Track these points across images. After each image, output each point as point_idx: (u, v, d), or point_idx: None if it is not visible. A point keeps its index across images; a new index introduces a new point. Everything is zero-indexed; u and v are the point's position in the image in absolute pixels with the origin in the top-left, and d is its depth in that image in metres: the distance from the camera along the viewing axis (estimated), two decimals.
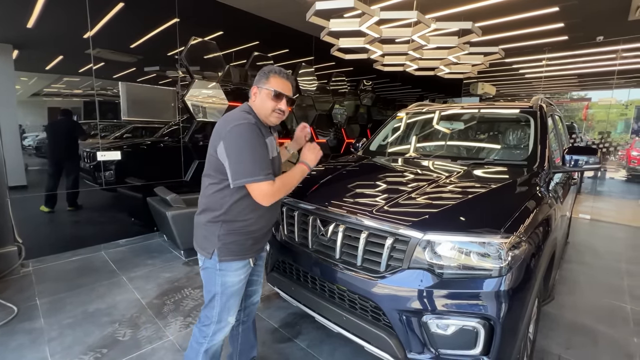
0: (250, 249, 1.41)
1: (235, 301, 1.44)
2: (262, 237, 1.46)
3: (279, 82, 1.35)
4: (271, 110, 1.35)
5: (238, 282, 1.41)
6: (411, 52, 3.89)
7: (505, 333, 1.29)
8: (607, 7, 4.20)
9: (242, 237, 1.37)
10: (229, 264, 1.36)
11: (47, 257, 3.18)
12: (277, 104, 1.35)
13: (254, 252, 1.44)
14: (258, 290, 1.70)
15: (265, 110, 1.36)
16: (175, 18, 3.85)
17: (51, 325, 2.19)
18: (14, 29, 2.90)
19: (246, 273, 1.44)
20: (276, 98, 1.34)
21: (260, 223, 1.41)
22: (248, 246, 1.40)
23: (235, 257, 1.37)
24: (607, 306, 2.60)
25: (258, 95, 1.37)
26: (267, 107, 1.35)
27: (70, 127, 3.37)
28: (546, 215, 1.66)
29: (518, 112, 2.64)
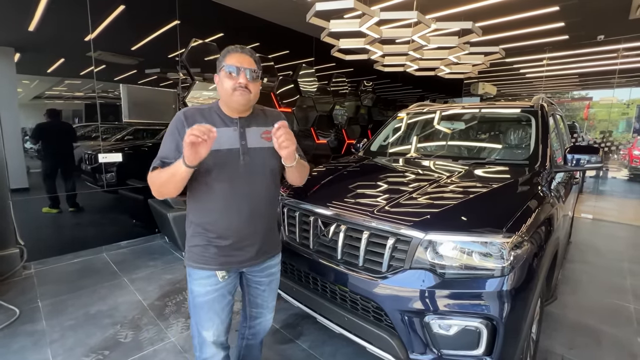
0: (213, 259, 1.24)
1: (207, 315, 1.27)
2: (228, 248, 1.24)
3: (233, 57, 1.19)
4: (232, 90, 1.18)
5: (205, 294, 1.25)
6: (411, 52, 3.89)
7: (508, 333, 1.28)
8: (607, 6, 4.19)
9: (203, 242, 1.24)
10: (193, 271, 1.26)
11: (48, 259, 3.19)
12: (236, 81, 1.17)
13: (219, 265, 1.24)
14: (264, 314, 1.50)
15: (226, 94, 1.20)
16: (176, 20, 3.86)
17: (53, 327, 2.20)
18: (16, 32, 2.92)
19: (214, 286, 1.25)
20: (232, 75, 1.18)
21: (219, 228, 1.22)
22: (210, 255, 1.24)
23: (196, 265, 1.25)
24: (610, 306, 2.59)
25: (218, 81, 1.23)
26: (226, 88, 1.19)
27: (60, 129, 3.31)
28: (548, 214, 1.66)
29: (519, 112, 2.64)
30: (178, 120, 1.22)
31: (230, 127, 1.24)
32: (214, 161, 1.18)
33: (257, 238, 1.30)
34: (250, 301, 1.48)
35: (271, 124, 1.26)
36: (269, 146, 1.28)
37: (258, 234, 1.30)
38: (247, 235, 1.27)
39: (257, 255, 1.32)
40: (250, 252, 1.30)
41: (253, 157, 1.25)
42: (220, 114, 1.26)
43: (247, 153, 1.24)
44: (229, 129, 1.24)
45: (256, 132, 1.29)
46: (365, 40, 3.53)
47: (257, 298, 1.46)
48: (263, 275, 1.41)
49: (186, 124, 1.17)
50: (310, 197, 1.88)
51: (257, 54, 1.25)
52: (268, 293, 1.46)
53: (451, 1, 4.00)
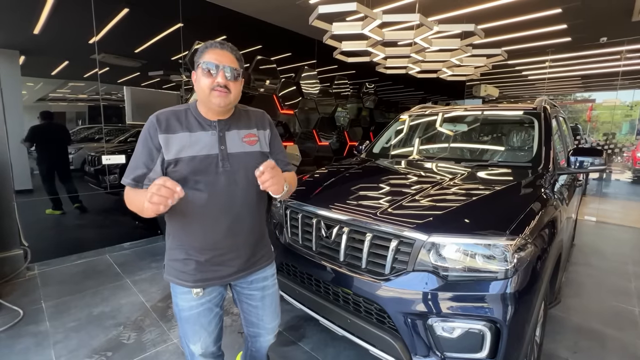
0: (191, 275, 1.15)
1: (193, 328, 1.20)
2: (207, 264, 1.15)
3: (212, 53, 1.06)
4: (209, 90, 1.06)
5: (189, 309, 1.18)
6: (413, 54, 3.89)
7: (512, 336, 1.28)
8: (610, 8, 4.19)
9: (181, 256, 1.15)
10: (173, 286, 1.19)
11: (52, 260, 3.20)
12: (214, 79, 1.05)
13: (196, 281, 1.15)
14: (261, 335, 1.39)
15: (203, 93, 1.08)
16: (180, 23, 3.89)
17: (56, 328, 2.20)
18: (21, 36, 2.95)
19: (198, 301, 1.17)
20: (210, 72, 1.05)
21: (196, 243, 1.14)
22: (189, 271, 1.15)
23: (175, 280, 1.17)
24: (614, 309, 2.57)
25: (195, 79, 1.10)
26: (203, 87, 1.06)
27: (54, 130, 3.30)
28: (552, 217, 1.65)
29: (522, 114, 2.63)
30: (150, 126, 1.08)
31: (208, 131, 1.12)
32: (189, 169, 1.08)
33: (240, 251, 1.20)
34: (245, 319, 1.38)
35: (255, 125, 1.22)
36: (252, 150, 1.19)
37: (241, 247, 1.20)
38: (228, 249, 1.17)
39: (242, 269, 1.23)
40: (233, 267, 1.20)
41: (233, 163, 1.14)
42: (198, 116, 1.13)
43: (226, 159, 1.12)
44: (207, 132, 1.12)
45: (237, 135, 1.17)
46: (367, 43, 3.54)
47: (250, 316, 1.35)
48: (253, 289, 1.30)
49: (159, 129, 1.07)
50: (313, 199, 1.88)
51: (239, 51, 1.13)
52: (262, 310, 1.33)
53: (454, 3, 4.01)
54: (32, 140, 3.10)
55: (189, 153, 1.08)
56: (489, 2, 3.94)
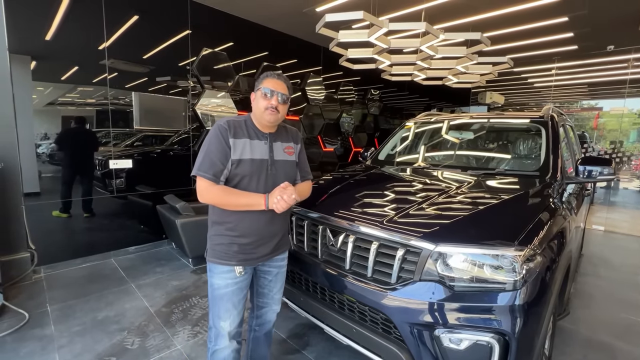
0: (234, 256, 1.41)
1: (225, 306, 1.43)
2: (249, 246, 1.41)
3: (269, 81, 1.40)
4: (264, 109, 1.37)
5: (225, 287, 1.42)
6: (419, 62, 3.91)
7: (521, 349, 1.26)
8: (616, 17, 4.18)
9: (226, 241, 1.40)
10: (214, 266, 1.43)
11: (58, 263, 3.22)
12: (269, 102, 1.37)
13: (239, 261, 1.41)
14: (270, 304, 1.64)
15: (259, 110, 1.39)
16: (187, 30, 3.95)
17: (61, 332, 2.21)
18: (33, 42, 3.01)
19: (234, 280, 1.42)
20: (266, 96, 1.38)
21: (242, 229, 1.39)
22: (232, 252, 1.40)
23: (218, 260, 1.41)
24: (624, 321, 2.52)
25: (254, 99, 1.43)
26: (260, 106, 1.39)
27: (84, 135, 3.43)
28: (561, 227, 1.63)
29: (529, 122, 2.62)
30: (222, 129, 1.36)
31: (262, 141, 1.43)
32: (248, 169, 1.37)
33: (274, 238, 1.49)
34: (258, 292, 1.62)
35: (292, 140, 1.56)
36: (290, 159, 1.51)
37: (275, 234, 1.49)
38: (266, 236, 1.45)
39: (272, 252, 1.51)
40: (266, 250, 1.47)
41: (277, 167, 1.45)
42: (253, 128, 1.43)
43: (273, 164, 1.44)
44: (261, 142, 1.42)
45: (280, 146, 1.48)
46: (373, 50, 3.56)
47: (264, 288, 1.61)
48: (272, 266, 1.57)
49: (230, 133, 1.36)
50: (318, 206, 1.88)
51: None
52: (274, 284, 1.61)
53: (460, 12, 4.03)
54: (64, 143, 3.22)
55: (248, 156, 1.37)
56: (495, 11, 3.95)
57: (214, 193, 1.33)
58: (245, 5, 4.12)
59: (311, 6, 4.01)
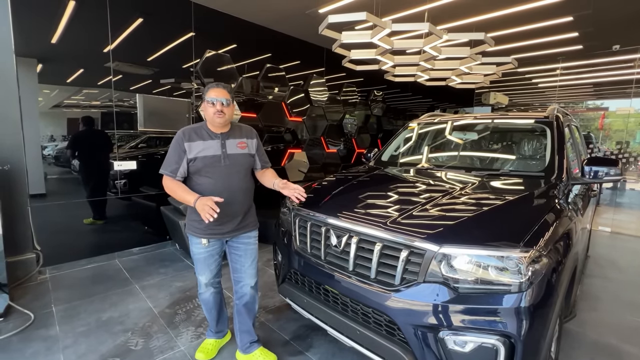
0: (203, 231, 1.75)
1: (201, 266, 1.85)
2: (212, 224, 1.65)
3: (212, 92, 1.69)
4: (212, 114, 1.68)
5: (199, 253, 1.82)
6: (422, 62, 3.89)
7: (527, 352, 1.24)
8: (622, 16, 4.14)
9: (197, 218, 1.69)
10: (191, 237, 1.82)
11: (63, 264, 3.24)
12: (215, 108, 1.67)
13: (206, 234, 1.76)
14: (243, 278, 1.91)
15: (209, 116, 1.71)
16: (191, 32, 3.97)
17: (66, 333, 2.22)
18: (39, 45, 3.04)
19: (204, 249, 1.79)
20: (212, 104, 1.67)
21: None
22: (201, 228, 1.75)
23: (192, 233, 1.79)
24: (632, 324, 2.48)
25: (203, 108, 1.74)
26: (209, 113, 1.70)
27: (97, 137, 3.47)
28: (567, 228, 1.61)
29: (533, 122, 2.60)
30: (178, 137, 1.72)
31: (215, 140, 1.75)
32: (203, 163, 1.71)
33: (234, 218, 1.80)
34: (233, 268, 1.93)
35: (245, 136, 1.85)
36: (242, 152, 1.82)
37: (235, 215, 1.80)
38: (226, 216, 1.73)
39: (234, 230, 1.82)
40: (229, 227, 1.80)
41: (231, 160, 1.77)
42: (208, 131, 1.76)
43: (226, 157, 1.76)
44: (214, 141, 1.75)
45: (233, 142, 1.79)
46: (376, 51, 3.55)
47: (236, 263, 1.91)
48: (239, 243, 1.88)
49: (184, 139, 1.71)
50: (321, 208, 1.88)
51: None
52: (244, 259, 1.90)
53: (463, 12, 4.01)
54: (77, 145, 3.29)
55: (201, 154, 1.71)
56: (499, 11, 3.93)
57: (167, 186, 1.72)
58: (249, 8, 4.13)
59: (314, 8, 4.01)
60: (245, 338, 1.97)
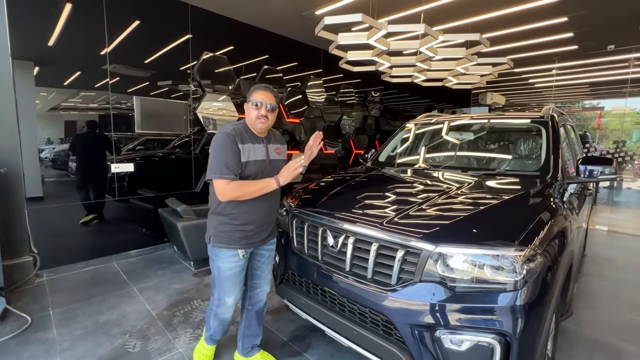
0: (238, 242, 1.64)
1: (230, 285, 1.69)
2: (251, 232, 1.65)
3: (258, 93, 1.62)
4: (255, 118, 1.60)
5: (229, 269, 1.66)
6: (419, 63, 3.91)
7: (523, 350, 1.25)
8: (616, 16, 4.17)
9: (230, 229, 1.62)
10: (220, 250, 1.65)
11: (60, 267, 3.23)
12: (259, 111, 1.60)
13: (242, 245, 1.65)
14: (261, 285, 1.86)
15: (251, 119, 1.63)
16: (188, 34, 3.97)
17: (63, 336, 2.21)
18: (36, 47, 3.04)
19: (237, 263, 1.66)
20: (256, 106, 1.60)
21: (245, 218, 1.63)
22: (236, 238, 1.63)
23: (224, 245, 1.63)
24: (629, 322, 2.50)
25: (247, 109, 1.66)
26: (252, 115, 1.62)
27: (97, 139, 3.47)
28: (562, 227, 1.62)
29: (529, 122, 2.61)
30: (231, 138, 1.57)
31: (260, 144, 1.67)
32: (253, 168, 1.61)
33: (269, 225, 1.76)
34: (252, 274, 1.84)
35: (279, 142, 1.82)
36: (280, 158, 1.78)
37: (270, 223, 1.76)
38: (265, 223, 1.71)
39: (268, 237, 1.76)
40: (263, 236, 1.72)
41: (272, 166, 1.70)
42: (251, 134, 1.66)
43: (269, 163, 1.69)
44: (260, 145, 1.66)
45: (272, 148, 1.74)
46: (373, 52, 3.57)
47: (257, 270, 1.84)
48: (265, 249, 1.81)
49: (238, 140, 1.58)
50: (319, 208, 1.88)
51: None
52: (265, 265, 1.85)
53: (459, 13, 4.03)
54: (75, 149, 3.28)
55: (252, 158, 1.62)
56: (495, 11, 3.95)
57: (233, 188, 1.53)
58: (246, 10, 4.14)
59: (310, 9, 4.03)
60: (248, 342, 1.93)
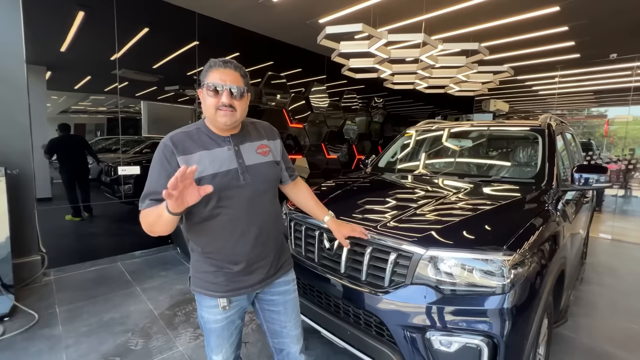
0: (221, 287, 1.14)
1: (216, 341, 1.21)
2: (238, 274, 1.15)
3: (216, 73, 1.08)
4: (214, 109, 1.08)
5: (214, 322, 1.19)
6: (420, 71, 3.97)
7: (510, 352, 1.28)
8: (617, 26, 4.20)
9: (211, 269, 1.15)
10: (201, 297, 1.19)
11: (67, 266, 3.32)
12: (218, 99, 1.07)
13: (226, 292, 1.15)
14: (287, 345, 1.31)
15: (209, 112, 1.09)
16: (195, 41, 4.09)
17: (69, 333, 2.28)
18: (49, 53, 3.17)
19: (223, 315, 1.18)
20: (215, 92, 1.06)
21: (227, 255, 1.14)
22: (219, 283, 1.15)
23: (204, 292, 1.16)
24: (626, 331, 2.50)
25: (201, 97, 1.11)
26: (209, 106, 1.08)
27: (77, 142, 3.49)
28: (552, 233, 1.66)
29: (527, 130, 2.65)
30: (166, 149, 1.07)
31: (223, 147, 1.14)
32: (219, 184, 1.07)
33: (267, 259, 1.22)
34: (269, 329, 1.33)
35: (265, 137, 1.26)
36: (266, 160, 1.22)
37: (268, 255, 1.22)
38: (257, 258, 1.18)
39: (269, 276, 1.23)
40: (261, 275, 1.21)
41: (253, 175, 1.16)
42: (210, 134, 1.14)
43: (246, 172, 1.14)
44: (223, 148, 1.13)
45: (251, 148, 1.19)
46: (374, 60, 3.64)
47: (274, 324, 1.30)
48: (275, 293, 1.28)
49: (176, 152, 1.07)
50: None
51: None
52: (285, 316, 1.30)
53: (460, 22, 4.10)
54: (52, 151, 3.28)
55: (209, 171, 1.08)
56: (495, 21, 4.01)
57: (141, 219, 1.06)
58: (251, 19, 4.25)
59: (314, 18, 4.12)
60: None
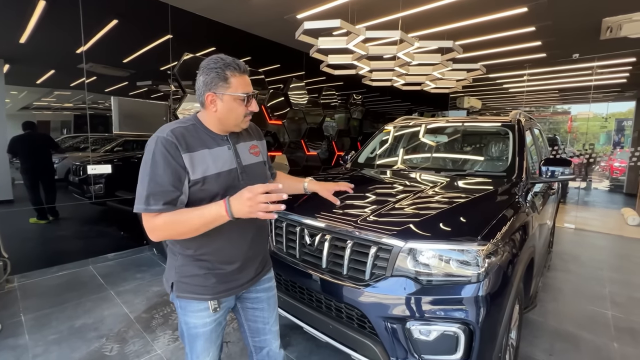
0: (212, 289, 1.12)
1: (204, 346, 1.17)
2: (230, 275, 1.15)
3: (240, 81, 1.07)
4: (243, 116, 1.11)
5: (202, 326, 1.15)
6: (397, 68, 4.04)
7: (484, 337, 1.34)
8: (579, 27, 4.45)
9: (201, 272, 1.11)
10: (187, 303, 1.13)
11: (33, 272, 3.13)
12: (248, 108, 1.11)
13: (217, 294, 1.13)
14: (268, 342, 1.31)
15: (236, 119, 1.11)
16: (168, 35, 3.95)
17: (36, 342, 2.16)
18: (6, 44, 2.95)
19: (212, 317, 1.15)
20: (247, 101, 1.09)
21: (222, 256, 1.12)
22: (210, 285, 1.12)
23: (193, 296, 1.12)
24: (589, 313, 2.68)
25: (220, 103, 1.07)
26: (238, 113, 1.10)
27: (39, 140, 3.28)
28: (522, 223, 1.74)
29: (498, 126, 2.77)
30: (168, 144, 1.00)
31: (223, 146, 1.12)
32: (218, 186, 1.07)
33: (258, 257, 1.24)
34: (251, 328, 1.31)
35: (254, 137, 1.27)
36: (258, 161, 1.24)
37: (260, 253, 1.25)
38: (252, 257, 1.20)
39: (257, 273, 1.25)
40: (250, 273, 1.21)
41: (249, 175, 1.16)
42: (209, 132, 1.11)
43: (244, 171, 1.15)
44: (223, 148, 1.12)
45: (244, 148, 1.20)
46: (352, 57, 3.66)
47: (257, 322, 1.30)
48: (260, 291, 1.28)
49: (181, 148, 1.02)
50: (297, 208, 1.93)
51: None
52: (268, 312, 1.31)
53: (435, 20, 4.20)
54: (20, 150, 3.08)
55: (213, 170, 1.07)
56: (467, 20, 4.14)
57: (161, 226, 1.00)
58: (227, 12, 4.15)
59: (292, 13, 4.08)
60: None
